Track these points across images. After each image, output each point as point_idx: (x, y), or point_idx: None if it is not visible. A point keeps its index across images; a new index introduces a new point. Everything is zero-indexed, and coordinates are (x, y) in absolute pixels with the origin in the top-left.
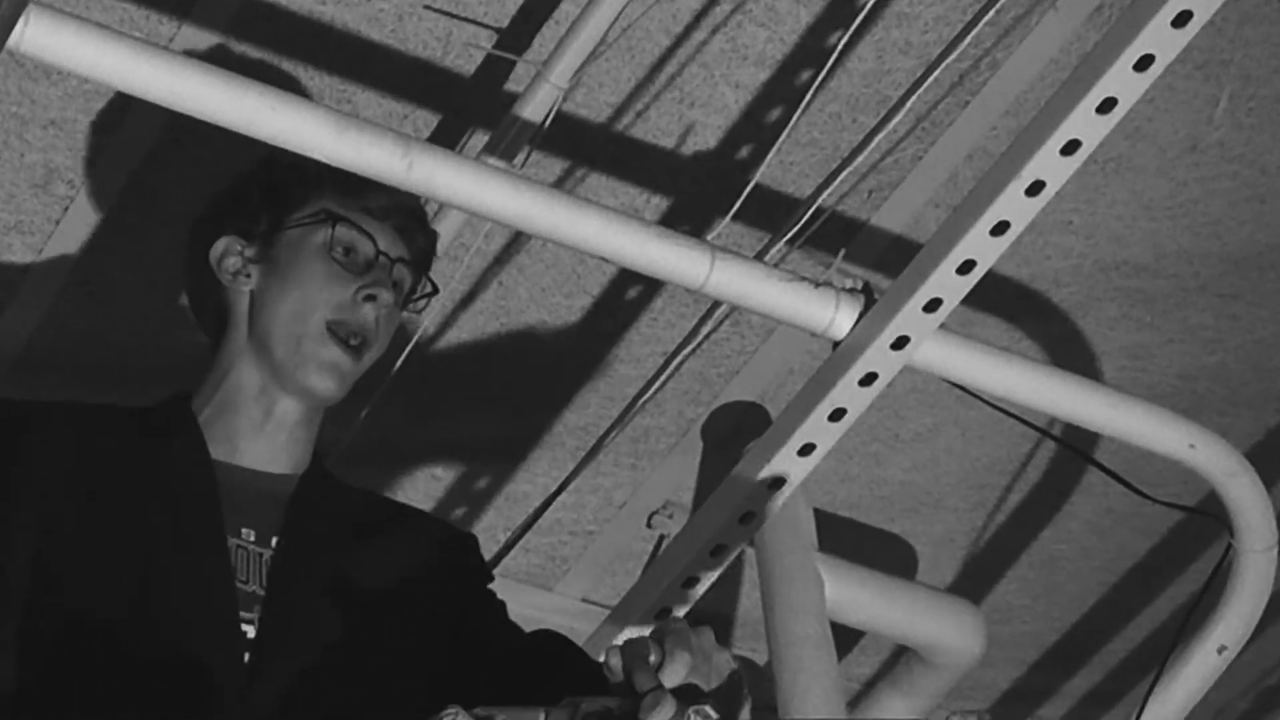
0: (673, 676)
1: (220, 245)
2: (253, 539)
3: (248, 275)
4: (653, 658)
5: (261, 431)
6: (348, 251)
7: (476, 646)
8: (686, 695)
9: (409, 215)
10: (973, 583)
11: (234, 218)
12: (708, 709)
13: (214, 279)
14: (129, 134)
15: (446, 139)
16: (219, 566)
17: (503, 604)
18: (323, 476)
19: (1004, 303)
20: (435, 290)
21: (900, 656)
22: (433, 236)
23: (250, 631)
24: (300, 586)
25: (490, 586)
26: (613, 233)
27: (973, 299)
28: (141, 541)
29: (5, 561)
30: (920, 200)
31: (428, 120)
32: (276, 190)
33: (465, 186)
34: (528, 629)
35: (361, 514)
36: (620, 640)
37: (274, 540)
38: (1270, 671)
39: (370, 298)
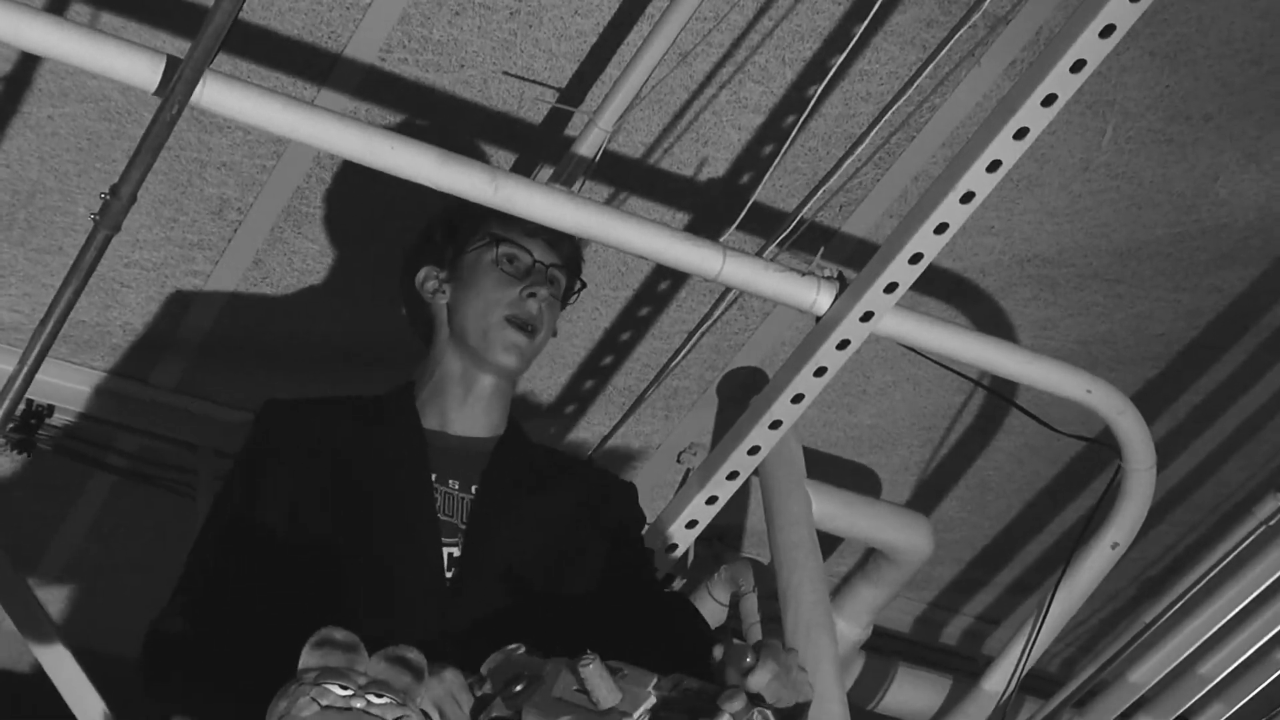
0: (758, 681)
1: (421, 274)
2: (457, 486)
3: (443, 292)
4: (748, 661)
5: (465, 404)
6: (511, 261)
7: (622, 587)
8: (759, 700)
9: (554, 230)
10: (923, 501)
11: (427, 253)
12: (769, 713)
13: (420, 299)
14: (283, 171)
15: (522, 172)
16: (423, 502)
17: (650, 553)
18: (516, 438)
19: (943, 287)
20: (583, 285)
21: (869, 556)
22: (576, 245)
23: (455, 551)
24: (494, 520)
25: (641, 534)
26: (649, 238)
27: (920, 284)
28: (366, 496)
29: (262, 521)
30: (879, 211)
31: (507, 158)
32: (455, 227)
33: (537, 204)
34: None
35: (545, 467)
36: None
37: (473, 488)
38: (1151, 565)
39: (532, 294)
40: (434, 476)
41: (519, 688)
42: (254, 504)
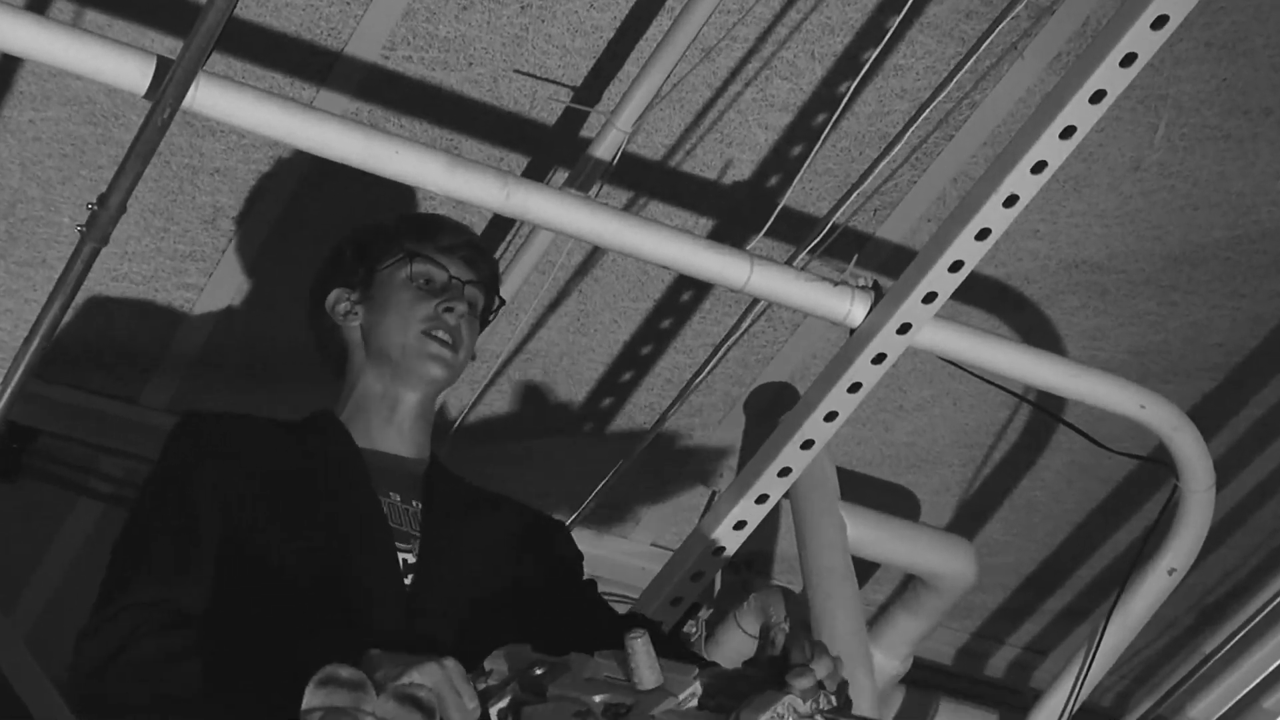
0: (821, 668)
1: (332, 297)
2: (399, 499)
3: (355, 314)
4: (807, 648)
5: (390, 423)
6: (427, 281)
7: (572, 622)
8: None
9: (472, 247)
10: (965, 523)
11: (337, 275)
12: (831, 696)
13: (331, 323)
14: (279, 178)
15: (535, 176)
16: (372, 510)
17: (592, 584)
18: (441, 466)
19: (985, 296)
20: (502, 303)
21: (908, 584)
22: (494, 263)
23: (410, 558)
24: (446, 528)
25: (579, 571)
26: (671, 246)
27: (960, 293)
28: (311, 504)
29: (206, 523)
30: (915, 216)
31: (519, 162)
32: (366, 246)
33: (552, 211)
34: (609, 570)
35: (476, 495)
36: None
37: (414, 502)
38: (1210, 591)
39: (448, 309)
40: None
41: (540, 671)
42: (193, 515)
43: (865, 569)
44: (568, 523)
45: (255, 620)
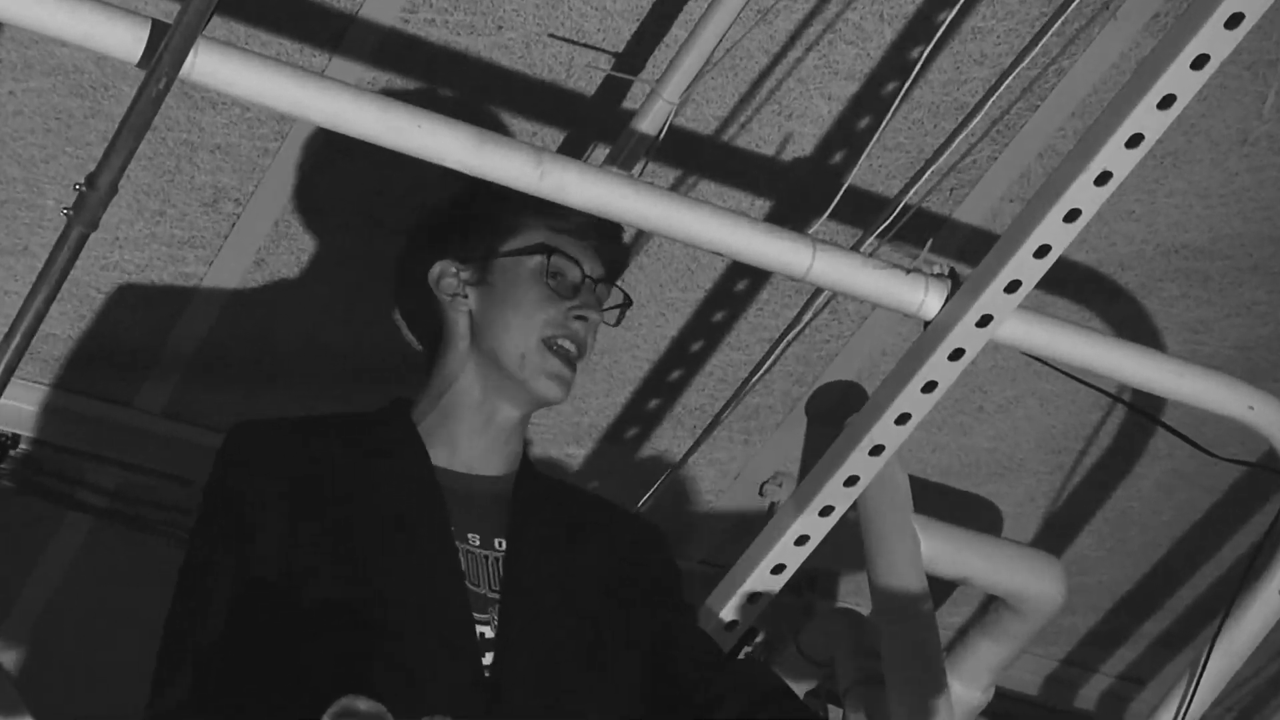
0: None
1: (438, 268)
2: (478, 542)
3: (465, 296)
4: None
5: (481, 435)
6: (557, 276)
7: (669, 651)
8: None
9: (605, 234)
10: (1053, 538)
11: (450, 242)
12: None
13: (430, 295)
14: (287, 155)
15: (572, 153)
16: (451, 570)
17: (693, 611)
18: (534, 475)
19: (1074, 285)
20: (629, 302)
21: (989, 605)
22: (625, 250)
23: (489, 632)
24: (532, 586)
25: (681, 589)
26: (724, 230)
27: (1046, 282)
28: (372, 547)
29: (248, 561)
30: (996, 195)
31: (554, 137)
32: (490, 219)
33: (591, 191)
34: None
35: (572, 511)
36: None
37: (497, 542)
38: None
39: (581, 318)
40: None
41: None
42: (241, 556)
43: (942, 589)
44: None
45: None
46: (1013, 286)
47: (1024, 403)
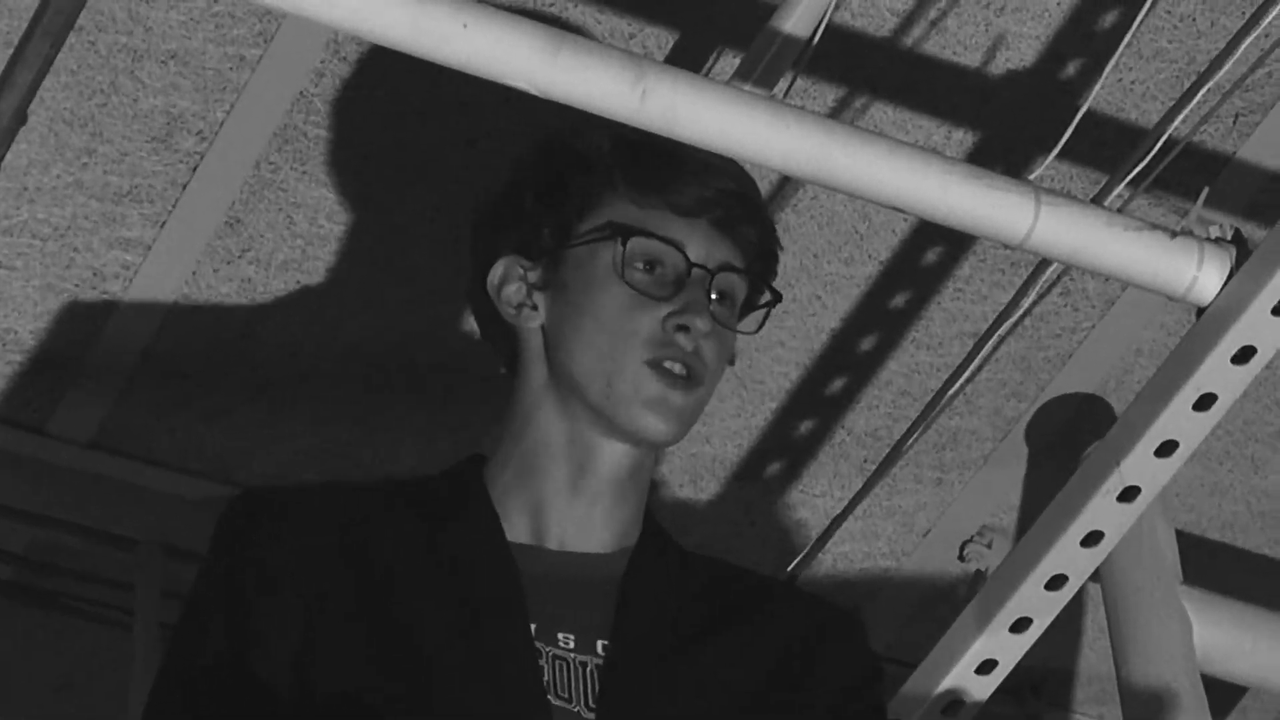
0: None
1: (499, 270)
2: (572, 645)
3: (534, 307)
4: None
5: (577, 496)
6: (650, 267)
7: None
8: None
9: (732, 205)
10: None
11: (513, 230)
12: None
13: (494, 310)
14: (275, 67)
15: (687, 63)
16: (528, 681)
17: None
18: (660, 551)
19: None
20: (777, 298)
21: None
22: (769, 226)
23: None
24: (640, 703)
25: (878, 694)
26: (907, 173)
27: None
28: (423, 655)
29: (260, 668)
30: None
31: (661, 39)
32: (557, 190)
33: (715, 120)
34: None
35: (713, 597)
36: None
37: (599, 645)
38: None
39: (683, 328)
40: (533, 628)
41: None
42: (242, 663)
43: (1226, 696)
44: None
45: None
46: None
47: None
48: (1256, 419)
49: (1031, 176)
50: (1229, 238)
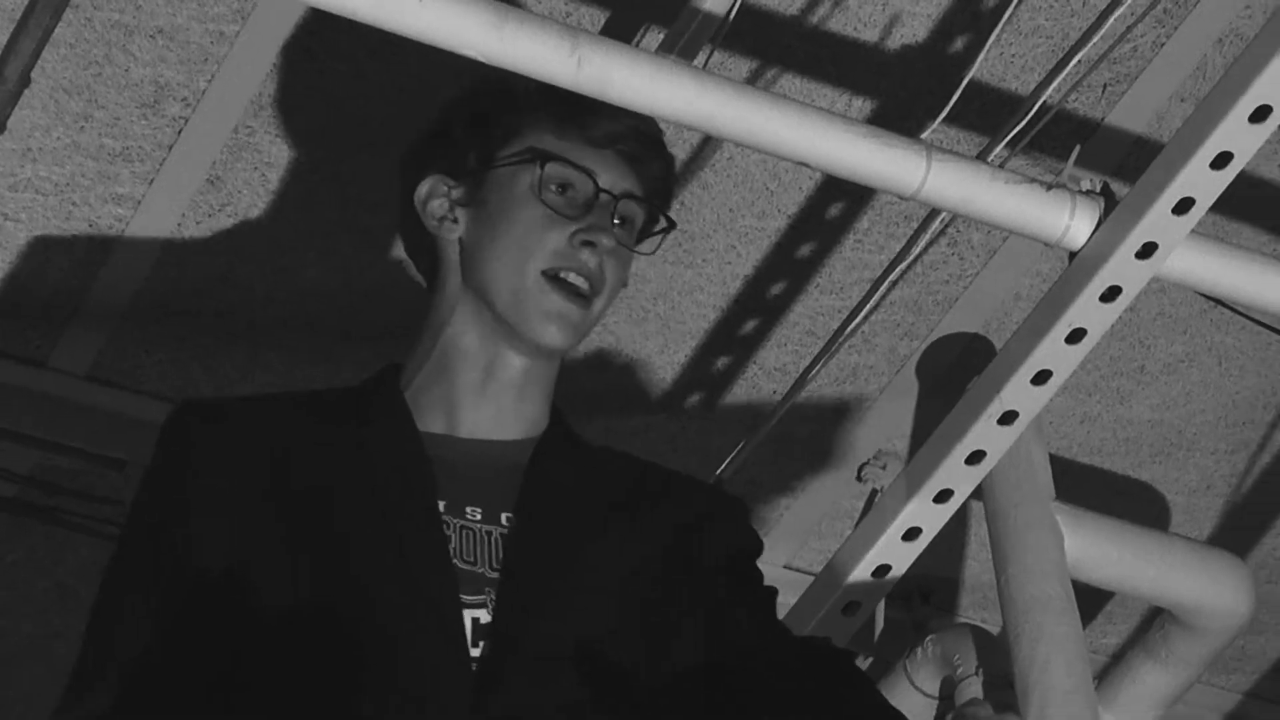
0: None
1: (425, 186)
2: (479, 516)
3: (454, 220)
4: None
5: (484, 394)
6: (562, 189)
7: (737, 646)
8: None
9: (638, 140)
10: (1236, 535)
11: (440, 153)
12: None
13: (420, 224)
14: (252, 41)
15: (619, 35)
16: (429, 541)
17: (770, 592)
18: (563, 438)
19: (1265, 207)
20: (671, 225)
21: (1154, 621)
22: (668, 163)
23: (483, 615)
24: (541, 565)
25: (757, 565)
26: (814, 132)
27: (1225, 202)
28: (344, 533)
29: (189, 558)
30: (1163, 94)
31: (594, 16)
32: (483, 120)
33: (642, 84)
34: None
35: (609, 480)
36: None
37: (504, 517)
38: None
39: (588, 244)
40: (443, 505)
41: None
42: (184, 553)
43: (1093, 600)
44: None
45: (257, 689)
46: (1183, 206)
47: (1198, 361)
48: (1122, 355)
49: (923, 136)
50: (1098, 190)
